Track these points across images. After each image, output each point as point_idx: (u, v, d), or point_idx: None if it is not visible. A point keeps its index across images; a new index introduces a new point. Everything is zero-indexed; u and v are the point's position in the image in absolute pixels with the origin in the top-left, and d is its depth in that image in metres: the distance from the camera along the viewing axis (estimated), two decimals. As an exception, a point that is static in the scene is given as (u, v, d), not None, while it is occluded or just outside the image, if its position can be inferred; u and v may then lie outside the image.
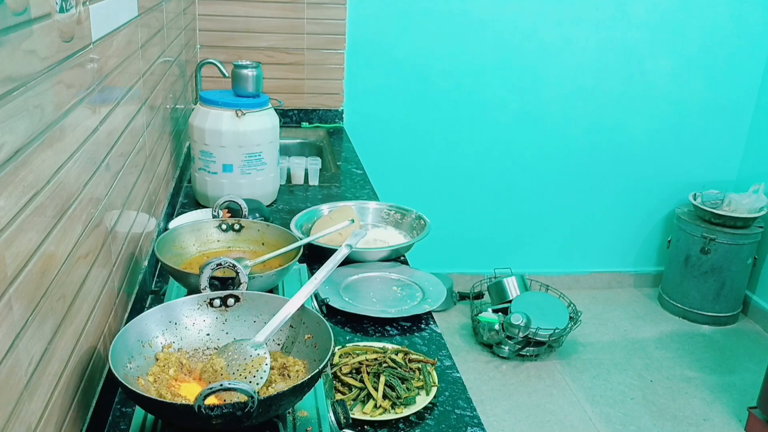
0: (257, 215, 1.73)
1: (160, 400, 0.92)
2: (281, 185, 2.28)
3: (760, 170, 3.66)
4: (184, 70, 2.51)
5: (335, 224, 1.70)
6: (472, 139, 3.50)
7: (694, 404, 3.00)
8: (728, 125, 3.68)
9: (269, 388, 0.98)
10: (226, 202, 1.58)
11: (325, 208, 2.07)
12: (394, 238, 1.98)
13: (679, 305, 3.71)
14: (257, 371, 0.98)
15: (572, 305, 3.38)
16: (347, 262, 1.66)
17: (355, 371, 1.30)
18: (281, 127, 2.16)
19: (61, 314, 0.92)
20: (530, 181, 3.64)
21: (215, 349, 1.07)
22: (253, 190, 2.05)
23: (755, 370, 3.21)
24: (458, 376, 1.37)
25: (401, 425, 1.21)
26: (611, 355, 3.36)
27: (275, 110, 2.14)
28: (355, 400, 1.24)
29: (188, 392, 0.98)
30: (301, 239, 1.45)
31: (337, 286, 1.67)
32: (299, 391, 0.91)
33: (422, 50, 3.28)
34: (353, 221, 1.78)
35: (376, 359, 1.32)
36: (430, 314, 1.59)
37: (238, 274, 1.16)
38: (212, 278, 1.15)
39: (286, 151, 2.65)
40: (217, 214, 1.56)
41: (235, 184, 2.03)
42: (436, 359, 1.38)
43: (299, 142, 3.02)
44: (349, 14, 3.09)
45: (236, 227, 1.50)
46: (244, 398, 0.83)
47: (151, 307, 1.19)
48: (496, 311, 3.30)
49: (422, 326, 1.54)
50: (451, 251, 3.68)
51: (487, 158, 3.55)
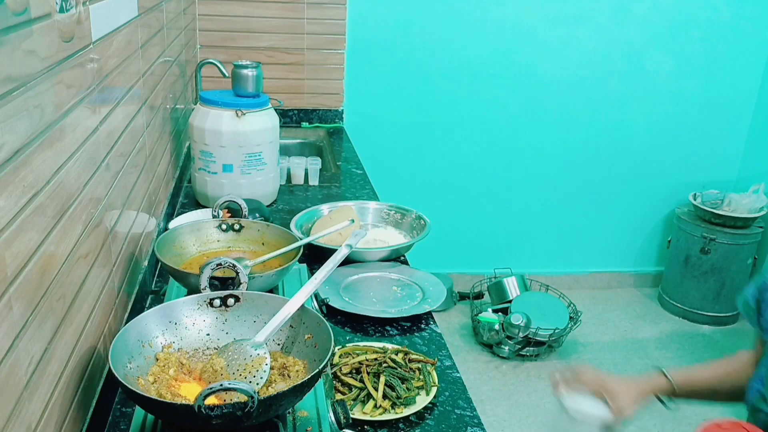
0: (257, 215, 1.73)
1: (160, 400, 0.92)
2: (281, 185, 2.28)
3: (760, 170, 3.66)
4: (184, 70, 2.51)
5: (335, 224, 1.70)
6: (472, 139, 3.50)
7: (693, 404, 2.99)
8: (728, 125, 3.68)
9: (269, 388, 0.98)
10: (226, 202, 1.58)
11: (325, 208, 2.07)
12: (394, 238, 1.98)
13: (679, 305, 3.71)
14: (257, 371, 0.98)
15: (572, 305, 3.38)
16: (347, 262, 1.66)
17: (355, 371, 1.30)
18: (281, 127, 2.16)
19: (61, 314, 0.92)
20: (530, 181, 3.63)
21: (215, 349, 1.07)
22: (253, 190, 2.05)
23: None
24: (458, 376, 1.37)
25: (401, 425, 1.21)
26: (611, 355, 3.35)
27: (275, 110, 2.14)
28: (355, 400, 1.24)
29: (188, 392, 0.98)
30: (301, 239, 1.45)
31: (337, 286, 1.67)
32: (299, 391, 0.91)
33: (422, 50, 3.28)
34: (353, 221, 1.78)
35: (376, 359, 1.32)
36: (430, 314, 1.59)
37: (238, 274, 1.16)
38: (212, 278, 1.15)
39: (286, 151, 2.65)
40: (217, 214, 1.56)
41: (235, 184, 2.03)
42: (436, 359, 1.38)
43: (299, 142, 3.02)
44: (349, 14, 3.08)
45: (236, 227, 1.50)
46: (244, 398, 0.83)
47: (151, 307, 1.19)
48: (496, 311, 3.30)
49: (422, 326, 1.54)
50: (451, 251, 3.68)
51: (487, 158, 3.55)
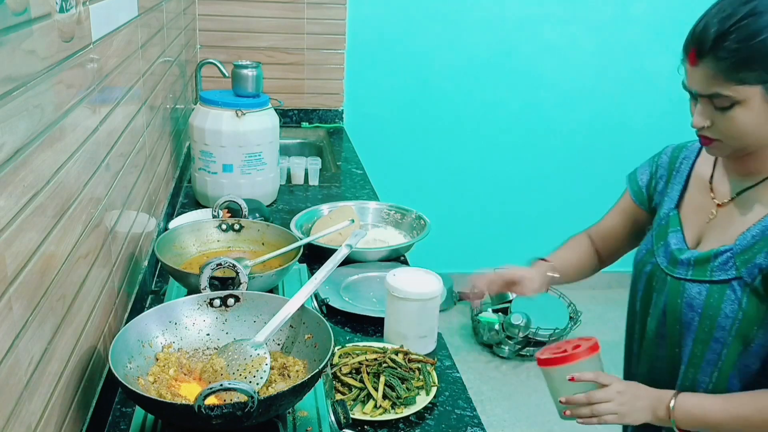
0: (257, 215, 1.73)
1: (160, 400, 0.92)
2: (281, 185, 2.28)
3: (760, 170, 3.66)
4: (184, 70, 2.51)
5: (335, 224, 1.70)
6: (472, 139, 3.50)
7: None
8: (728, 125, 3.68)
9: (269, 388, 0.98)
10: (226, 202, 1.58)
11: (325, 208, 2.07)
12: (394, 238, 1.98)
13: (679, 305, 3.70)
14: (257, 371, 0.98)
15: (572, 305, 3.37)
16: (347, 262, 1.66)
17: (355, 371, 1.30)
18: (281, 127, 2.16)
19: (61, 314, 0.92)
20: (530, 180, 3.63)
21: (215, 349, 1.07)
22: (253, 190, 2.05)
23: None
24: (458, 376, 1.37)
25: (401, 425, 1.21)
26: (611, 355, 3.33)
27: (275, 110, 2.14)
28: (355, 400, 1.24)
29: (188, 392, 0.98)
30: (301, 239, 1.45)
31: (337, 286, 1.67)
32: (299, 391, 0.91)
33: (422, 50, 3.28)
34: (353, 221, 1.78)
35: (375, 359, 1.32)
36: (430, 314, 1.58)
37: (238, 274, 1.16)
38: (212, 278, 1.15)
39: (286, 151, 2.65)
40: (217, 214, 1.56)
41: (235, 184, 2.03)
42: (435, 359, 1.38)
43: (299, 142, 3.02)
44: (349, 14, 3.08)
45: (236, 227, 1.50)
46: (244, 398, 0.83)
47: (151, 307, 1.20)
48: (496, 311, 3.30)
49: (422, 326, 1.53)
50: (451, 251, 3.67)
51: (487, 158, 3.55)
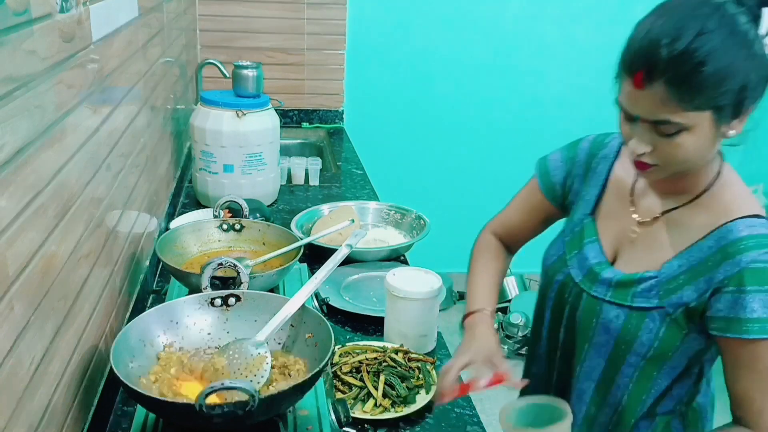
0: (258, 215, 1.74)
1: (161, 399, 0.93)
2: (282, 185, 2.28)
3: (760, 170, 3.66)
4: (184, 70, 2.51)
5: (335, 224, 1.70)
6: (472, 139, 3.50)
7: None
8: (728, 125, 3.68)
9: (270, 387, 0.98)
10: (226, 202, 1.58)
11: (325, 208, 2.07)
12: (394, 238, 1.98)
13: (679, 305, 3.70)
14: (258, 370, 0.98)
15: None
16: (347, 261, 1.66)
17: (355, 370, 1.30)
18: (282, 127, 2.16)
19: (62, 314, 0.92)
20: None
21: (216, 348, 1.07)
22: (253, 190, 2.05)
23: None
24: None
25: (401, 424, 1.21)
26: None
27: (276, 110, 2.15)
28: (355, 399, 1.24)
29: (189, 391, 0.98)
30: (301, 239, 1.46)
31: (337, 285, 1.67)
32: (300, 390, 0.92)
33: (422, 50, 3.28)
34: (353, 221, 1.78)
35: (376, 358, 1.32)
36: (430, 314, 1.58)
37: (239, 273, 1.16)
38: (213, 278, 1.16)
39: (286, 151, 2.65)
40: (218, 214, 1.57)
41: (235, 184, 2.03)
42: (435, 358, 1.38)
43: (299, 142, 3.02)
44: (349, 14, 3.08)
45: (237, 227, 1.50)
46: (245, 397, 0.83)
47: (152, 306, 1.20)
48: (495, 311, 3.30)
49: (422, 326, 1.53)
50: (451, 251, 3.67)
51: (487, 158, 3.55)
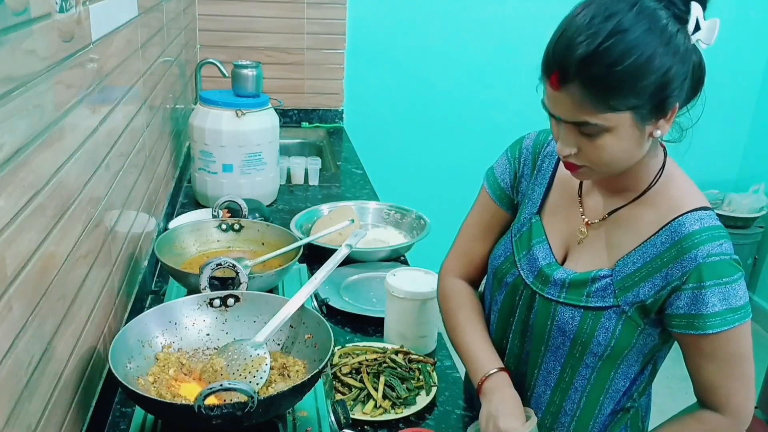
0: (257, 215, 1.73)
1: (160, 400, 0.92)
2: (281, 185, 2.27)
3: (760, 170, 3.66)
4: (183, 70, 2.51)
5: (335, 224, 1.70)
6: (472, 138, 3.49)
7: (693, 404, 2.98)
8: (728, 125, 3.67)
9: (269, 388, 0.98)
10: (226, 202, 1.58)
11: (325, 208, 2.07)
12: (394, 238, 1.98)
13: (679, 305, 3.70)
14: (257, 371, 0.98)
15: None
16: (347, 262, 1.66)
17: (354, 371, 1.30)
18: (281, 127, 2.16)
19: (60, 314, 0.92)
20: (530, 181, 3.62)
21: (215, 349, 1.07)
22: (253, 190, 2.05)
23: (756, 370, 3.21)
24: (458, 376, 1.37)
25: (401, 425, 1.21)
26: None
27: (275, 110, 2.14)
28: (355, 400, 1.24)
29: (188, 392, 0.98)
30: (301, 239, 1.45)
31: (337, 286, 1.67)
32: (299, 391, 0.91)
33: (422, 50, 3.28)
34: (353, 221, 1.77)
35: (375, 359, 1.32)
36: (430, 314, 1.58)
37: (238, 274, 1.16)
38: (212, 278, 1.15)
39: (286, 151, 2.65)
40: (217, 214, 1.56)
41: (235, 184, 2.03)
42: (435, 359, 1.38)
43: (299, 142, 3.01)
44: (349, 14, 3.08)
45: (236, 227, 1.50)
46: (244, 398, 0.83)
47: (151, 307, 1.19)
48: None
49: (422, 326, 1.53)
50: (451, 251, 3.67)
51: (487, 158, 3.52)
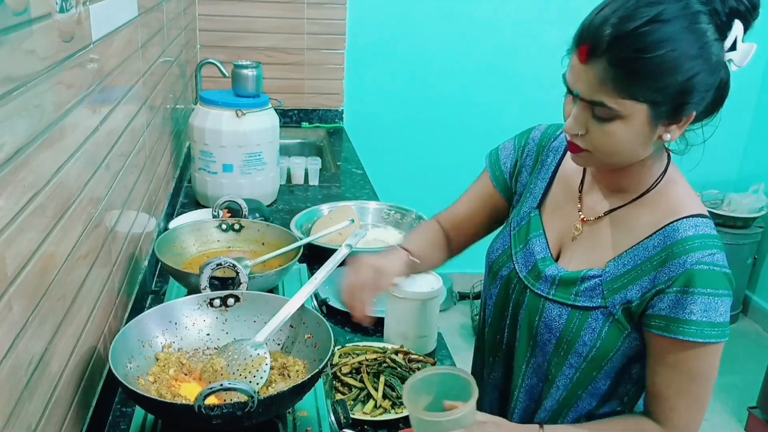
0: (257, 215, 1.73)
1: (160, 400, 0.92)
2: (281, 185, 2.28)
3: (760, 170, 3.66)
4: (184, 70, 2.51)
5: (335, 224, 1.70)
6: (472, 138, 3.48)
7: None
8: (728, 125, 3.64)
9: (269, 387, 0.98)
10: (226, 202, 1.58)
11: (325, 208, 2.07)
12: (394, 238, 1.98)
13: (679, 305, 3.70)
14: (257, 371, 0.98)
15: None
16: (347, 262, 1.66)
17: (354, 371, 1.30)
18: (281, 127, 2.16)
19: (61, 314, 0.92)
20: (530, 181, 3.62)
21: (215, 349, 1.07)
22: (253, 190, 2.05)
23: (755, 370, 3.21)
24: (458, 376, 1.37)
25: (401, 425, 1.21)
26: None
27: (275, 110, 2.14)
28: (355, 400, 1.24)
29: (188, 392, 0.98)
30: (301, 239, 1.45)
31: (337, 286, 1.66)
32: (299, 391, 0.91)
33: (422, 50, 3.28)
34: (353, 221, 1.77)
35: (375, 359, 1.32)
36: (430, 314, 1.58)
37: (238, 273, 1.16)
38: (212, 278, 1.15)
39: (286, 151, 2.65)
40: (217, 214, 1.56)
41: (235, 184, 2.03)
42: (435, 359, 1.38)
43: (299, 142, 3.02)
44: (349, 14, 3.08)
45: (236, 227, 1.50)
46: (244, 398, 0.83)
47: (151, 307, 1.20)
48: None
49: (422, 326, 1.53)
50: (451, 251, 3.67)
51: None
